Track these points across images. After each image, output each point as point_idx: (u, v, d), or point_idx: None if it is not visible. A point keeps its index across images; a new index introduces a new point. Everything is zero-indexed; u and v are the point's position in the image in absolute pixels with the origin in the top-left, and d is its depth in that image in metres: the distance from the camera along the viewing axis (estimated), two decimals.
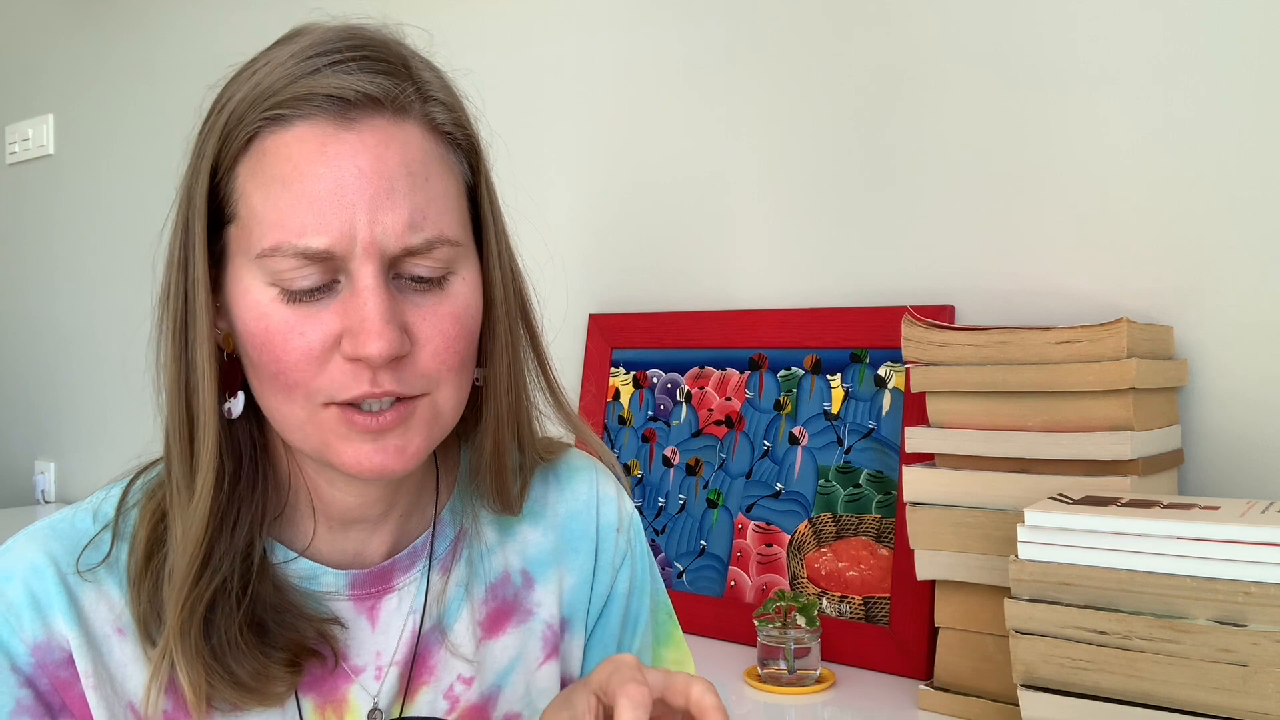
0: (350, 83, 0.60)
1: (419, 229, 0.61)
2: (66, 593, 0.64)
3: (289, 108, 0.60)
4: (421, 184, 0.62)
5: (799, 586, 1.26)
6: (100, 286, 2.37)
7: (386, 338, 0.59)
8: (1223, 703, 0.77)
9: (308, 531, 0.70)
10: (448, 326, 0.63)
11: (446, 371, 0.64)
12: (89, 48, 2.45)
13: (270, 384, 0.62)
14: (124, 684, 0.65)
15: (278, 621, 0.65)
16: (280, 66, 0.62)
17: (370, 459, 0.62)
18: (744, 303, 1.40)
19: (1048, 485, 0.97)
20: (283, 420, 0.64)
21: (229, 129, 0.62)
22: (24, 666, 0.63)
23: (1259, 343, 1.04)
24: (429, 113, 0.64)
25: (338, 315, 0.61)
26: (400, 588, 0.72)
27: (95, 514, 0.68)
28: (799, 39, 1.36)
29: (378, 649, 0.70)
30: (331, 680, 0.69)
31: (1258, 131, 1.04)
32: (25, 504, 2.56)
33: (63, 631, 0.64)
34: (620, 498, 0.80)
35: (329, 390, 0.61)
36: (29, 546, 0.66)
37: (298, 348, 0.61)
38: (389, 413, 0.62)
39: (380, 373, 0.61)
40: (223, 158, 0.62)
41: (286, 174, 0.60)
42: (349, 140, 0.60)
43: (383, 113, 0.61)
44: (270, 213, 0.60)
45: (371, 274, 0.60)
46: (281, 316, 0.61)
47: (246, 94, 0.62)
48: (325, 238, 0.59)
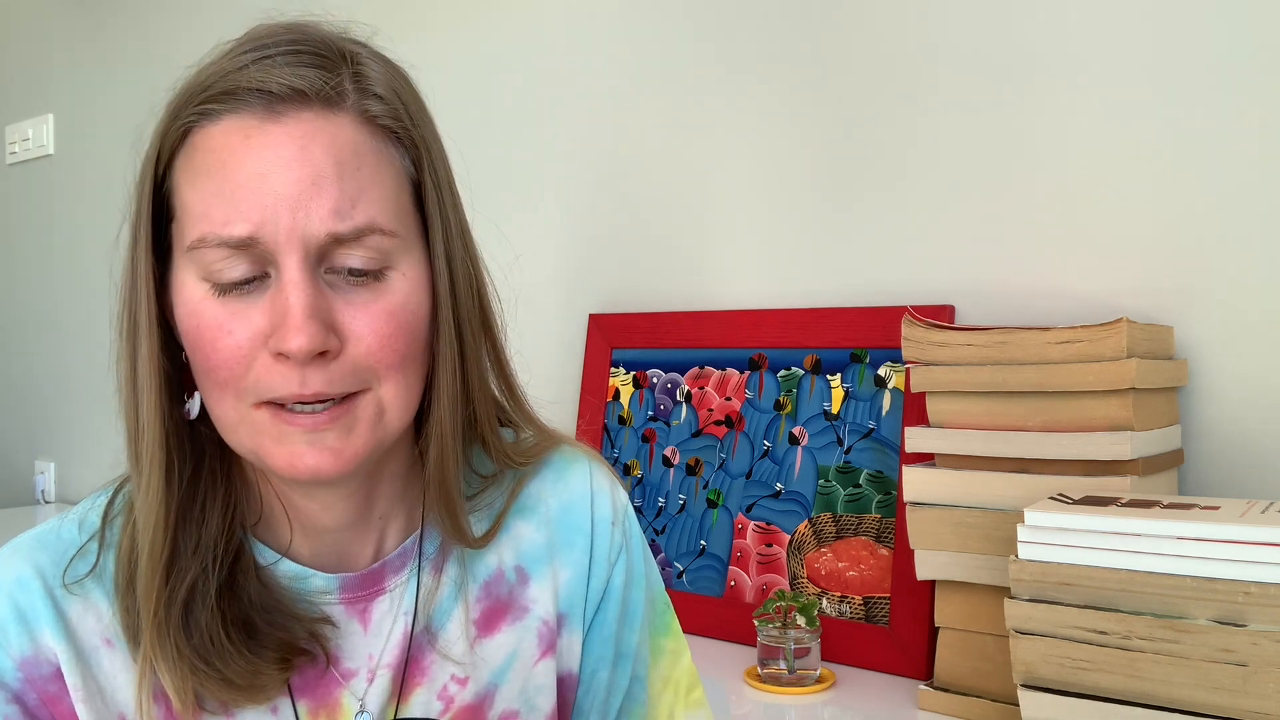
0: (276, 76, 0.60)
1: (346, 216, 0.60)
2: (53, 606, 0.64)
3: (217, 102, 0.61)
4: (352, 173, 0.61)
5: (799, 586, 1.26)
6: (100, 286, 2.36)
7: (307, 332, 0.58)
8: (1223, 703, 0.77)
9: (286, 536, 0.69)
10: (382, 324, 0.62)
11: (384, 369, 0.62)
12: (89, 48, 2.45)
13: (204, 382, 0.62)
14: (114, 695, 0.64)
15: (267, 621, 0.65)
16: (214, 64, 0.62)
17: (304, 460, 0.61)
18: (744, 303, 1.40)
19: (1048, 485, 0.97)
20: (219, 421, 0.63)
21: (167, 125, 0.63)
22: (11, 682, 0.63)
23: (1259, 343, 1.04)
24: (364, 106, 0.63)
25: (265, 312, 0.60)
26: (392, 589, 0.71)
27: (81, 524, 0.67)
28: (799, 39, 1.36)
29: (370, 651, 0.70)
30: (324, 684, 0.68)
31: (1257, 131, 1.04)
32: (25, 504, 2.56)
33: (50, 645, 0.63)
34: (614, 490, 0.79)
35: (258, 390, 0.60)
36: (14, 559, 0.65)
37: (226, 346, 0.60)
38: (324, 413, 0.61)
39: (308, 371, 0.59)
40: (163, 154, 0.63)
41: (211, 166, 0.60)
42: (273, 132, 0.60)
43: (310, 106, 0.61)
44: (198, 204, 0.60)
45: (295, 266, 0.59)
46: (212, 314, 0.60)
47: (183, 90, 0.63)
48: (247, 225, 0.59)
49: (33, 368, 2.60)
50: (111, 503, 0.68)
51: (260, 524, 0.69)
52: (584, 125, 1.58)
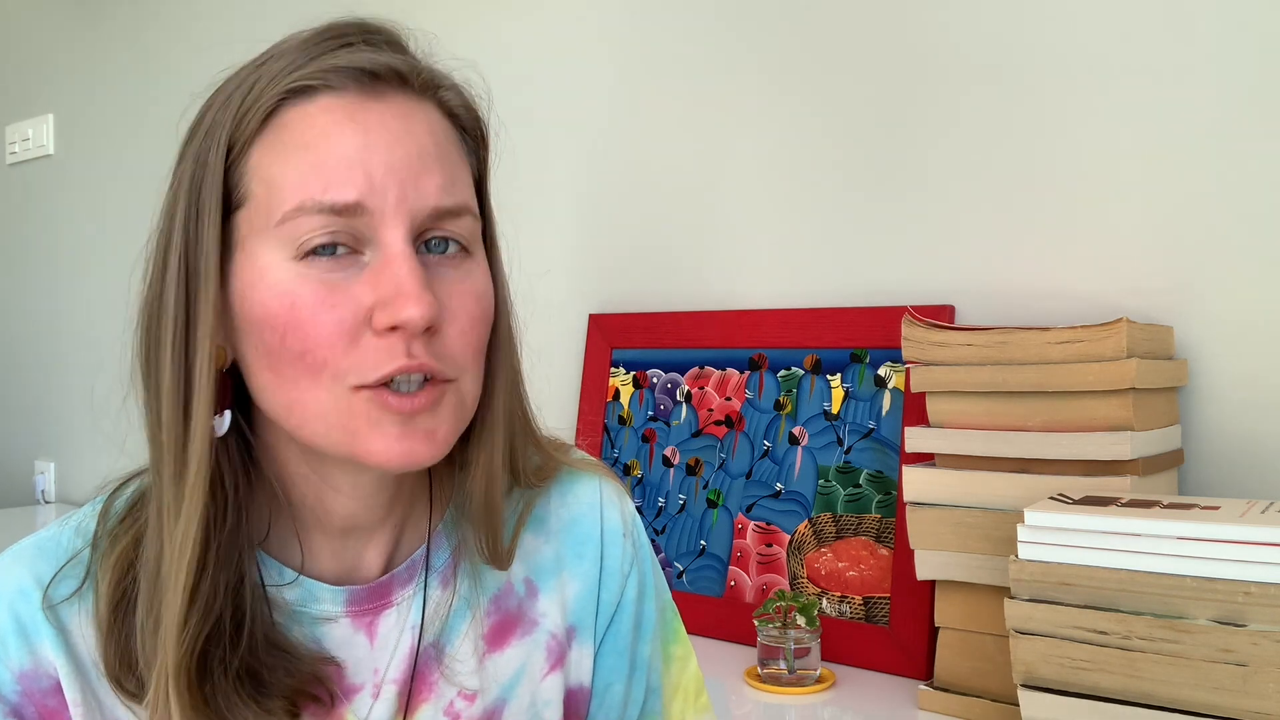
0: (374, 57, 0.60)
1: (449, 193, 0.60)
2: (54, 619, 0.62)
3: (314, 79, 0.59)
4: (447, 154, 0.61)
5: (799, 586, 1.26)
6: (101, 287, 2.37)
7: (426, 301, 0.56)
8: (1223, 703, 0.77)
9: (296, 553, 0.67)
10: (471, 306, 0.61)
11: (470, 356, 0.61)
12: (89, 48, 2.45)
13: (292, 369, 0.58)
14: (114, 710, 0.62)
15: (271, 667, 0.62)
16: (292, 52, 0.60)
17: (399, 444, 0.59)
18: (744, 303, 1.40)
19: (1048, 485, 0.97)
20: (304, 412, 0.59)
21: (244, 112, 0.59)
22: (10, 695, 0.61)
23: (1259, 343, 1.04)
24: (443, 97, 0.63)
25: (369, 287, 0.58)
26: (399, 603, 0.69)
27: (79, 531, 0.65)
28: (799, 39, 1.36)
29: (376, 666, 0.68)
30: (330, 713, 0.67)
31: (1258, 131, 1.04)
32: (25, 504, 2.56)
33: (50, 659, 0.61)
34: (623, 502, 0.78)
35: (359, 370, 0.58)
36: (15, 568, 0.63)
37: (329, 321, 0.57)
38: (421, 394, 0.58)
39: (415, 344, 0.58)
40: (236, 141, 0.60)
41: (311, 139, 0.58)
42: (377, 109, 0.59)
43: (407, 88, 0.61)
44: (292, 177, 0.58)
45: (401, 239, 0.58)
46: (310, 290, 0.57)
47: (260, 80, 0.60)
48: (354, 191, 0.57)
49: (33, 368, 2.60)
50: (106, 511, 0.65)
51: (270, 539, 0.66)
52: (584, 125, 1.58)
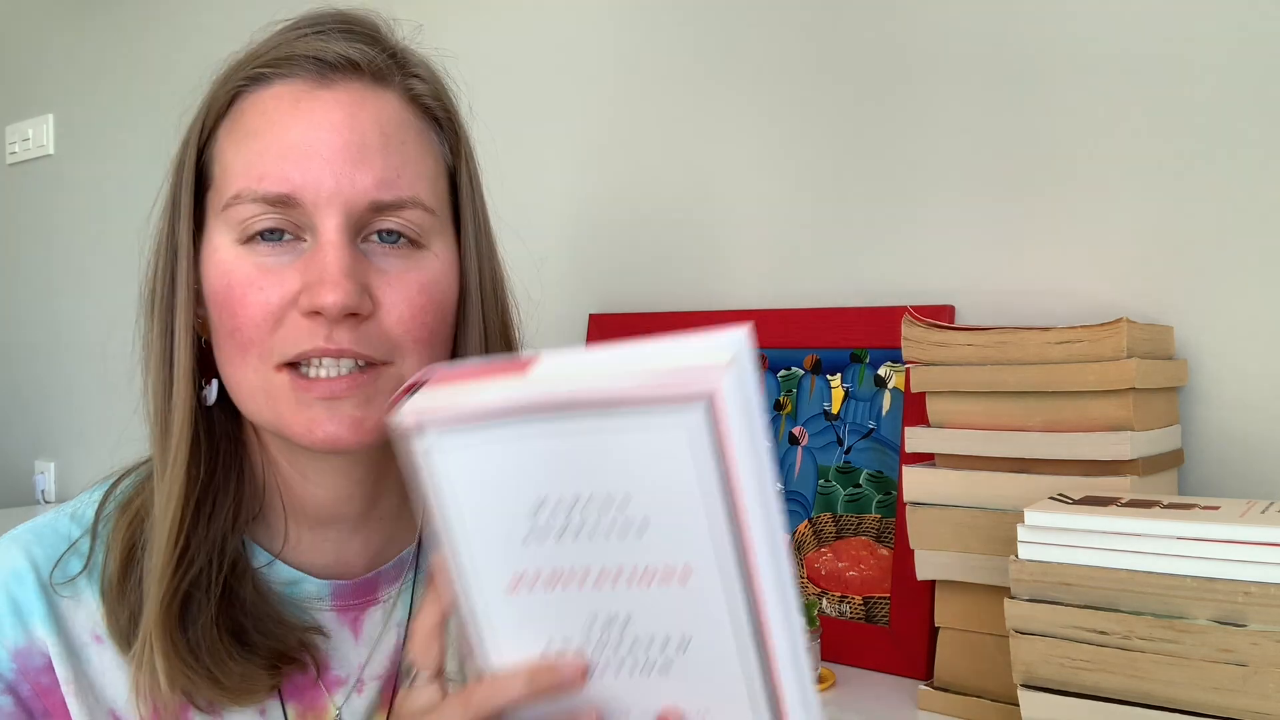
0: (330, 46, 0.61)
1: (390, 186, 0.60)
2: (46, 599, 0.64)
3: (269, 67, 0.61)
4: (397, 146, 0.61)
5: (799, 586, 1.25)
6: (100, 286, 2.37)
7: (344, 288, 0.58)
8: (1223, 703, 0.77)
9: (281, 535, 0.68)
10: (415, 294, 0.61)
11: (411, 342, 0.61)
12: (89, 48, 2.45)
13: (228, 345, 0.61)
14: (104, 691, 0.64)
15: (258, 628, 0.63)
16: (267, 39, 0.64)
17: (321, 427, 0.59)
18: (744, 303, 1.40)
19: (1048, 485, 0.97)
20: (238, 387, 0.62)
21: (214, 93, 0.63)
22: (5, 672, 0.62)
23: (1259, 343, 1.04)
24: (409, 85, 0.64)
25: (299, 272, 0.60)
26: (385, 599, 0.70)
27: (76, 518, 0.67)
28: (799, 38, 1.36)
29: (359, 661, 0.69)
30: (313, 690, 0.68)
31: (1258, 131, 1.04)
32: (25, 504, 2.56)
33: (42, 637, 0.63)
34: None
35: (282, 348, 0.59)
36: (10, 550, 0.65)
37: (255, 302, 0.59)
38: (344, 379, 0.59)
39: (338, 330, 0.59)
40: (208, 121, 0.63)
41: (258, 127, 0.60)
42: (324, 98, 0.60)
43: (361, 77, 0.62)
44: (239, 164, 0.60)
45: (335, 228, 0.59)
46: (244, 272, 0.60)
47: (232, 63, 0.64)
48: (286, 184, 0.59)
49: (33, 368, 2.60)
50: (105, 499, 0.67)
51: (257, 521, 0.68)
52: (584, 125, 1.58)
